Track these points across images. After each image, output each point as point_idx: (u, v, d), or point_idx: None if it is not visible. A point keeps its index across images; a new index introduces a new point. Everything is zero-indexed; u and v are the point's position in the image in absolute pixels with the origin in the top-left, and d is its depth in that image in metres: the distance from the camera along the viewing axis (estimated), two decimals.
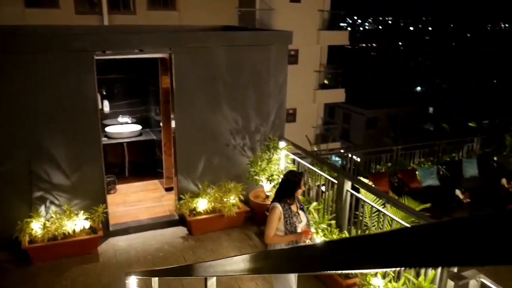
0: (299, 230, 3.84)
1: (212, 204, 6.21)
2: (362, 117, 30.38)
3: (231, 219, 6.16)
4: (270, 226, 3.79)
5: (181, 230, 6.27)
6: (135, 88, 8.51)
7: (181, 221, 6.36)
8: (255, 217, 6.54)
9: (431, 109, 34.33)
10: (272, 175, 6.22)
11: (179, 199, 6.31)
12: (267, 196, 6.50)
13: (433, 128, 31.91)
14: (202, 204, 6.16)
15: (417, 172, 9.93)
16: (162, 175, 7.50)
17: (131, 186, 7.74)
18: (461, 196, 9.11)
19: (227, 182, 6.38)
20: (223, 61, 6.24)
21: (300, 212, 3.95)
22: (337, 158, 16.54)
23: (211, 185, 6.37)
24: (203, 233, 6.17)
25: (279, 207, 3.79)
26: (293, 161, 6.44)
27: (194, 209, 6.16)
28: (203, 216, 6.12)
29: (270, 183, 6.31)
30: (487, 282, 3.99)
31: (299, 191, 3.97)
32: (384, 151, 10.52)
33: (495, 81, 36.40)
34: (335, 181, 5.50)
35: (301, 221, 3.90)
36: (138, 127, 8.14)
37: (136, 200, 7.14)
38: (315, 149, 10.16)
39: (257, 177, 6.28)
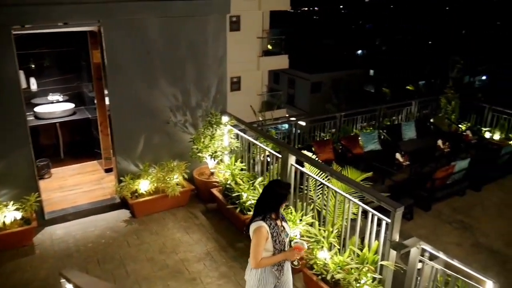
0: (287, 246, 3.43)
1: (155, 184, 5.98)
2: (307, 82, 30.64)
3: (176, 198, 5.98)
4: (257, 249, 3.24)
5: (123, 214, 6.01)
6: (66, 63, 7.89)
7: (123, 203, 6.10)
8: (200, 194, 6.40)
9: (371, 72, 35.21)
10: (215, 152, 6.05)
11: (120, 181, 6.02)
12: (212, 173, 6.35)
13: (374, 90, 32.90)
14: (144, 185, 5.91)
15: (359, 138, 10.14)
16: (101, 155, 7.12)
17: (67, 169, 7.29)
18: (401, 159, 9.43)
19: (170, 160, 6.15)
20: (158, 34, 5.87)
21: (284, 224, 3.44)
22: (284, 125, 16.65)
23: (152, 164, 6.12)
24: (147, 215, 5.96)
25: (265, 227, 3.23)
26: (237, 136, 6.29)
27: (136, 190, 5.90)
28: (146, 198, 5.89)
29: (214, 160, 6.16)
30: (427, 248, 4.15)
31: (284, 205, 3.44)
32: (327, 118, 10.63)
33: (430, 42, 37.73)
34: (279, 156, 5.43)
35: (287, 235, 3.45)
36: (71, 105, 7.61)
37: (73, 184, 6.74)
38: (260, 118, 10.06)
39: (200, 154, 6.09)
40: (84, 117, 7.56)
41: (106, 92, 5.94)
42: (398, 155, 9.48)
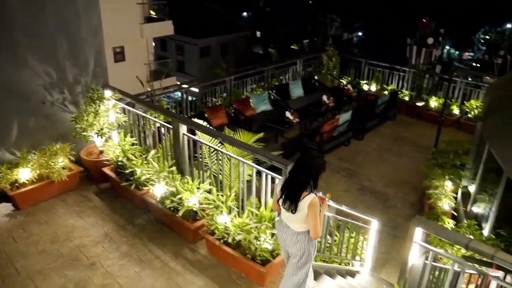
0: None
1: (38, 171, 5.49)
2: (195, 47, 30.14)
3: (64, 183, 5.58)
4: (318, 221, 3.35)
5: (4, 208, 5.44)
6: None
7: (3, 196, 5.50)
8: (91, 175, 6.06)
9: (258, 33, 35.73)
10: (102, 129, 5.71)
11: None
12: (101, 152, 6.02)
13: (262, 52, 33.55)
14: (24, 173, 5.40)
15: (251, 100, 10.34)
16: None
17: None
18: (291, 117, 9.86)
19: (51, 144, 5.67)
20: (18, 3, 5.21)
21: None
22: (177, 93, 16.30)
23: (32, 150, 5.59)
24: (33, 205, 5.49)
25: (315, 197, 3.33)
26: (124, 110, 5.99)
27: (16, 181, 5.38)
28: (29, 187, 5.40)
29: (102, 138, 5.82)
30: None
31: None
32: (218, 83, 10.62)
33: (310, 2, 39.24)
34: (171, 126, 5.32)
35: None
36: None
37: None
38: (149, 88, 9.70)
39: (85, 133, 5.70)
40: None
41: None
42: (288, 114, 9.89)
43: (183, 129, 5.16)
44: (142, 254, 4.71)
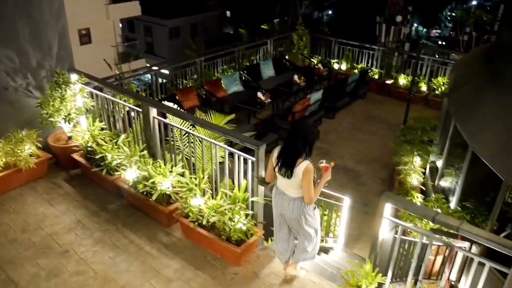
0: None
1: (4, 159, 5.33)
2: (164, 28, 29.53)
3: (32, 171, 5.44)
4: (312, 187, 3.60)
5: None
6: None
7: None
8: (60, 162, 5.92)
9: (228, 13, 35.25)
10: (69, 114, 5.57)
11: None
12: (70, 138, 5.88)
13: (232, 32, 33.16)
14: None
15: (222, 81, 10.27)
16: None
17: None
18: (262, 98, 9.86)
19: (17, 131, 5.49)
20: None
21: None
22: (147, 75, 15.98)
23: None
24: (1, 194, 5.33)
25: (310, 164, 3.56)
26: (91, 94, 5.85)
27: None
28: None
29: (69, 123, 5.68)
30: None
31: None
32: (188, 64, 10.48)
33: None
34: (140, 110, 5.24)
35: None
36: None
37: None
38: (117, 72, 9.47)
39: (52, 119, 5.54)
40: None
41: None
42: (259, 94, 9.89)
43: (153, 112, 5.09)
44: (116, 239, 4.67)
